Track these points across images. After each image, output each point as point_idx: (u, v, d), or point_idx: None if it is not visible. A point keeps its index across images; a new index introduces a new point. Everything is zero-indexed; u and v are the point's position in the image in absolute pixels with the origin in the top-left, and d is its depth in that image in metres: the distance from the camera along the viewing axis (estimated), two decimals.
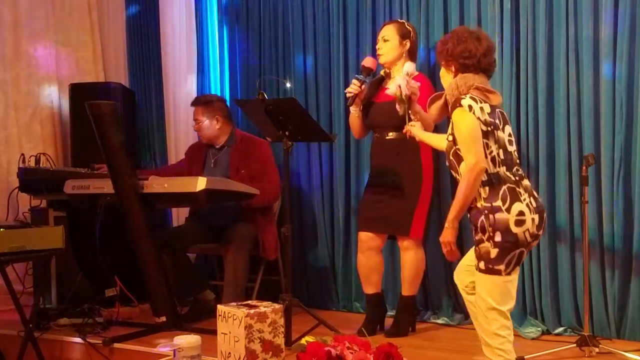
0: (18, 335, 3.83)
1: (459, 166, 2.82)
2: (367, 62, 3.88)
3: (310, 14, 4.76)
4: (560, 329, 3.87)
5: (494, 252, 2.74)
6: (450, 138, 2.84)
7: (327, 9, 4.68)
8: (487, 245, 2.76)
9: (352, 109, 3.92)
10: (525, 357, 3.34)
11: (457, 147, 2.81)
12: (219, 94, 5.08)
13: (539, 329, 3.88)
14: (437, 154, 3.86)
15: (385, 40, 3.89)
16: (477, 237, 2.81)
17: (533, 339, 3.80)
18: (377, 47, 3.95)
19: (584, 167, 3.50)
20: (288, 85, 4.79)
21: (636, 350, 3.45)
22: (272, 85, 4.90)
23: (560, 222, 3.89)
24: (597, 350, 3.44)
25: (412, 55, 3.95)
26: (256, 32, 5.01)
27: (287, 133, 3.74)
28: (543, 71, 3.91)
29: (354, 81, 3.82)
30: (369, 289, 4.00)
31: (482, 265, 2.79)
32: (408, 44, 3.90)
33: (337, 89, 4.62)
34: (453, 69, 2.91)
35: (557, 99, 3.90)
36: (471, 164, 2.73)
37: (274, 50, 4.94)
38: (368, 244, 3.94)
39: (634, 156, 3.69)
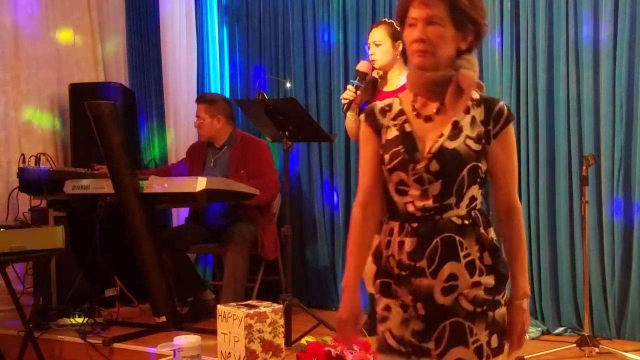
0: (18, 335, 3.83)
1: (467, 188, 1.83)
2: (362, 66, 3.78)
3: (310, 14, 4.76)
4: (560, 329, 3.87)
5: (504, 314, 1.88)
6: (477, 147, 1.84)
7: (327, 8, 4.68)
8: (503, 308, 1.87)
9: (348, 114, 3.87)
10: (525, 357, 3.34)
11: (483, 165, 1.85)
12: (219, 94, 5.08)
13: (539, 328, 3.87)
14: None
15: (376, 45, 3.79)
16: (492, 298, 1.82)
17: (533, 339, 3.80)
18: (369, 52, 3.84)
19: (584, 167, 3.50)
20: (288, 85, 4.79)
21: (636, 350, 3.45)
22: (272, 85, 4.90)
23: (560, 222, 3.89)
24: (597, 350, 3.44)
25: (405, 56, 3.92)
26: (256, 32, 5.01)
27: (287, 133, 3.74)
28: (543, 71, 3.91)
29: (349, 87, 3.74)
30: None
31: (494, 341, 1.84)
32: (401, 46, 3.83)
33: (337, 89, 4.62)
34: (469, 39, 1.87)
35: (557, 99, 3.90)
36: (519, 204, 1.91)
37: (274, 50, 4.94)
38: None
39: (634, 156, 3.69)
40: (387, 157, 1.88)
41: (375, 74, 3.88)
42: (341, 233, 4.65)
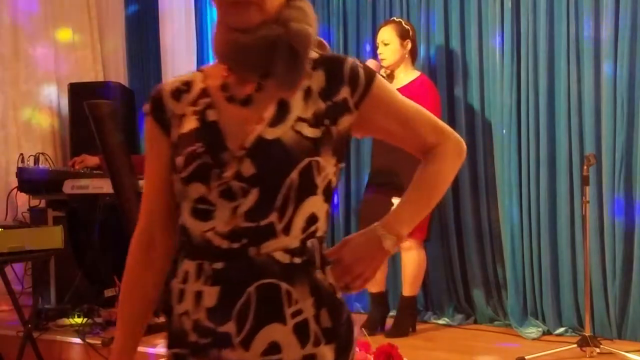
0: (17, 336, 3.82)
1: (298, 201, 1.24)
2: (370, 65, 3.83)
3: None
4: (561, 329, 3.86)
5: None
6: (314, 134, 1.24)
7: (327, 8, 4.67)
8: None
9: None
10: (525, 357, 3.32)
11: (328, 162, 1.27)
12: None
13: (540, 329, 3.86)
14: None
15: (385, 44, 3.86)
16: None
17: (534, 339, 3.79)
18: (377, 51, 3.92)
19: (585, 167, 3.48)
20: None
21: (637, 350, 3.44)
22: None
23: (561, 222, 3.87)
24: (598, 350, 3.42)
25: (413, 54, 3.94)
26: None
27: None
28: (544, 71, 3.90)
29: None
30: (373, 287, 3.98)
31: None
32: (409, 45, 3.89)
33: None
34: None
35: (558, 99, 3.89)
36: (447, 132, 1.41)
37: None
38: None
39: (635, 156, 3.68)
40: (180, 160, 1.28)
41: (382, 72, 3.93)
42: (340, 233, 4.63)
